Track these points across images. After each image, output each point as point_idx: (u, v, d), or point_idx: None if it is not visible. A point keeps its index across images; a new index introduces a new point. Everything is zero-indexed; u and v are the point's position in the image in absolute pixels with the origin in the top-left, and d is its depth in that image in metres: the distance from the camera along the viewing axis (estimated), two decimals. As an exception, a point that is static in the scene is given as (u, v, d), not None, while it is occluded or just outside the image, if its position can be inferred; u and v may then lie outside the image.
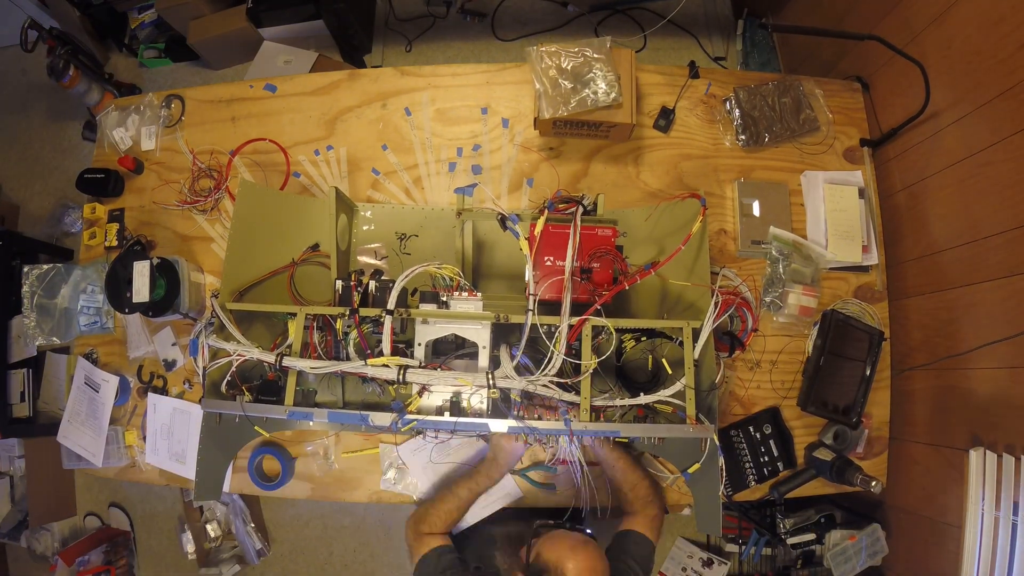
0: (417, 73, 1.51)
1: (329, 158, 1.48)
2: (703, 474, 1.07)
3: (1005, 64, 1.12)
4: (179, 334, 1.42)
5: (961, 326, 1.25)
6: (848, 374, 1.31)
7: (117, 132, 1.54)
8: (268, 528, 2.31)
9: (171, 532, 2.32)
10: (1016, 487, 1.05)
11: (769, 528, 1.59)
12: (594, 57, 1.31)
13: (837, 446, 1.32)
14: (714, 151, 1.46)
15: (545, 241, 1.12)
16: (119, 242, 1.48)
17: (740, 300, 1.34)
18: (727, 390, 1.34)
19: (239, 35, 2.47)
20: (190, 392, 1.40)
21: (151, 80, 2.73)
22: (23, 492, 2.28)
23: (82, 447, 1.41)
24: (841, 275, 1.40)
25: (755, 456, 1.31)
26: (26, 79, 2.79)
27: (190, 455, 1.34)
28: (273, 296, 1.29)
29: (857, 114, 1.49)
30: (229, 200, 1.47)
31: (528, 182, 1.45)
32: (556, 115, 1.31)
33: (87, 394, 1.43)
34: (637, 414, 1.14)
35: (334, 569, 2.28)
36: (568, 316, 1.04)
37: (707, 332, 1.06)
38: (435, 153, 1.47)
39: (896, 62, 1.34)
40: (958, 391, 1.25)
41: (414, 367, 1.03)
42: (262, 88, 1.53)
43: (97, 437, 1.40)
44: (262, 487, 1.35)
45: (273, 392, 1.15)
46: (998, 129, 1.14)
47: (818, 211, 1.40)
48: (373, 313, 1.08)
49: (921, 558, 1.34)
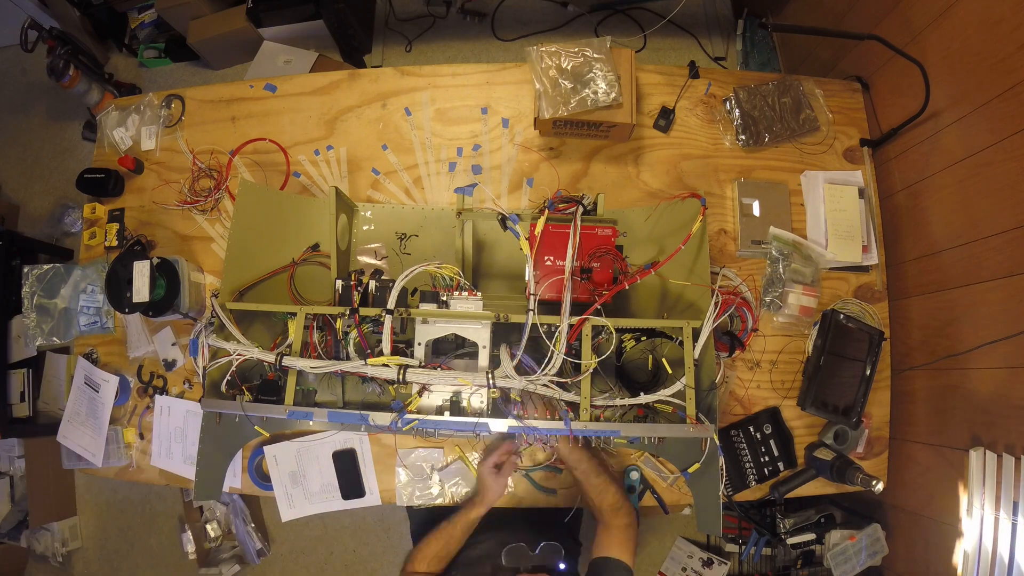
0: (417, 73, 1.51)
1: (329, 158, 1.48)
2: (703, 474, 1.07)
3: (1005, 64, 1.12)
4: (179, 334, 1.42)
5: (961, 326, 1.25)
6: (848, 374, 1.31)
7: (117, 132, 1.54)
8: (268, 528, 2.31)
9: (171, 532, 2.32)
10: (1016, 487, 1.05)
11: (769, 528, 1.59)
12: (594, 57, 1.31)
13: (837, 446, 1.32)
14: (714, 151, 1.46)
15: (545, 241, 1.12)
16: (119, 242, 1.48)
17: (740, 300, 1.34)
18: (727, 390, 1.34)
19: (239, 35, 2.47)
20: (190, 392, 1.40)
21: (151, 80, 2.73)
22: (23, 492, 2.28)
23: (82, 447, 1.41)
24: (841, 275, 1.40)
25: (755, 456, 1.31)
26: (26, 79, 2.79)
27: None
28: (273, 296, 1.29)
29: (857, 114, 1.49)
30: (229, 200, 1.47)
31: (528, 182, 1.45)
32: (556, 115, 1.31)
33: (87, 394, 1.42)
34: (637, 414, 1.14)
35: (334, 569, 2.28)
36: (568, 316, 1.04)
37: (707, 332, 1.06)
38: (435, 153, 1.47)
39: (896, 62, 1.34)
40: (958, 391, 1.25)
41: (414, 367, 1.03)
42: (262, 88, 1.53)
43: (97, 437, 1.40)
44: (262, 487, 1.35)
45: (273, 392, 1.15)
46: (998, 129, 1.14)
47: (818, 211, 1.40)
48: (373, 313, 1.08)
49: (921, 558, 1.34)
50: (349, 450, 1.31)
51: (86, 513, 2.39)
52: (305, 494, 1.32)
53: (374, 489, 1.32)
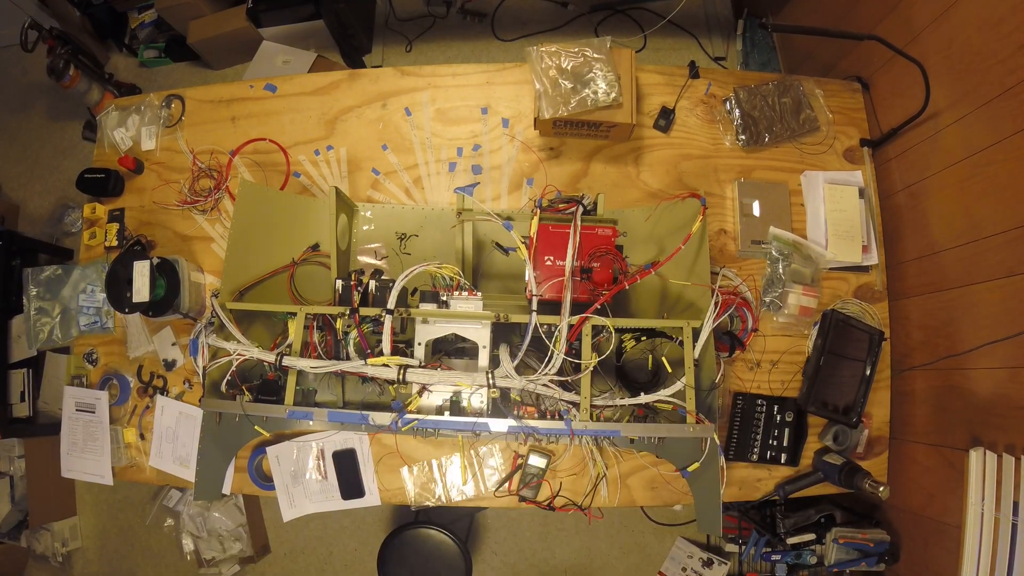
0: (417, 73, 1.51)
1: (329, 158, 1.48)
2: (703, 473, 1.07)
3: (1005, 64, 1.12)
4: (179, 334, 1.42)
5: (961, 326, 1.25)
6: (848, 374, 1.31)
7: (117, 132, 1.55)
8: (268, 528, 2.31)
9: (171, 532, 2.32)
10: (1016, 487, 1.05)
11: (769, 528, 1.58)
12: (594, 57, 1.31)
13: (837, 446, 1.32)
14: (714, 151, 1.46)
15: (545, 241, 1.12)
16: (119, 242, 1.48)
17: (740, 300, 1.34)
18: (726, 389, 1.34)
19: (239, 35, 2.47)
20: (190, 392, 1.40)
21: (151, 80, 2.73)
22: (23, 492, 2.28)
23: (89, 473, 1.41)
24: (841, 275, 1.40)
25: (767, 434, 1.31)
26: (26, 79, 2.79)
27: (194, 460, 1.33)
28: (273, 296, 1.29)
29: (857, 114, 1.49)
30: (229, 200, 1.47)
31: (528, 182, 1.45)
32: (556, 115, 1.31)
33: (81, 420, 1.42)
34: (637, 414, 1.14)
35: (334, 569, 2.28)
36: (568, 315, 1.04)
37: (707, 332, 1.07)
38: (435, 153, 1.47)
39: (896, 62, 1.34)
40: (958, 391, 1.25)
41: (414, 367, 1.03)
42: (262, 88, 1.53)
43: (101, 458, 1.40)
44: (262, 487, 1.35)
45: (273, 392, 1.15)
46: (998, 129, 1.14)
47: (818, 211, 1.40)
48: (373, 313, 1.08)
49: (921, 558, 1.34)
50: (349, 450, 1.31)
51: (86, 513, 2.39)
52: (305, 493, 1.32)
53: (374, 489, 1.32)
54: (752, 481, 1.34)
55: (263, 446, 1.32)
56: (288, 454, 1.31)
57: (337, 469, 1.31)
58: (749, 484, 1.34)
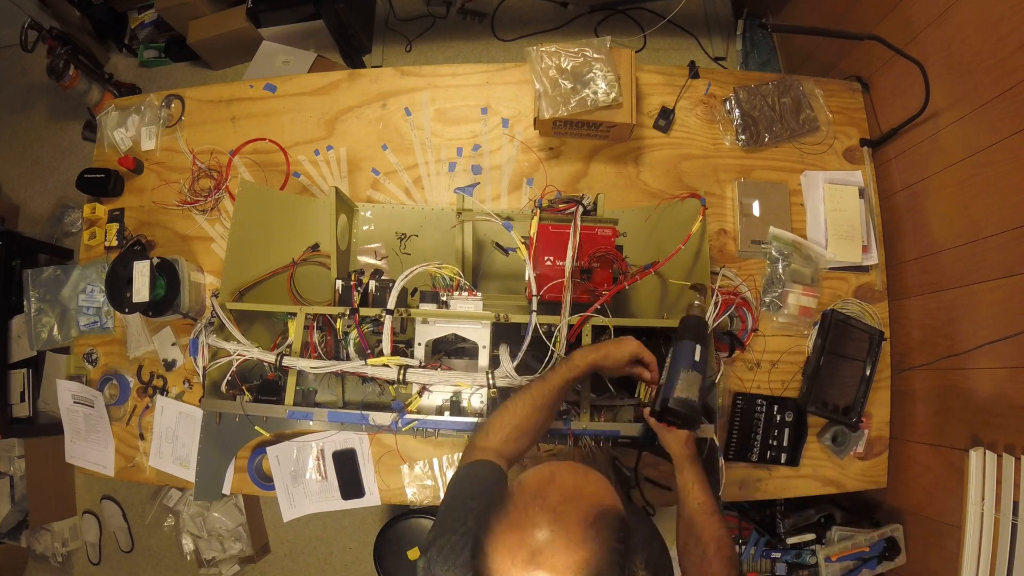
0: (417, 73, 1.51)
1: (329, 158, 1.48)
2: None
3: (1005, 64, 1.12)
4: (179, 334, 1.42)
5: (961, 326, 1.25)
6: (848, 374, 1.31)
7: (117, 132, 1.54)
8: (268, 528, 2.31)
9: (171, 532, 2.32)
10: (1016, 487, 1.05)
11: (769, 528, 1.59)
12: (594, 57, 1.31)
13: (837, 446, 1.32)
14: (714, 151, 1.46)
15: (545, 241, 1.12)
16: (119, 242, 1.48)
17: (740, 300, 1.34)
18: (726, 389, 1.34)
19: (239, 35, 2.47)
20: (190, 392, 1.40)
21: (151, 80, 2.73)
22: (23, 492, 2.28)
23: (92, 462, 1.43)
24: (841, 275, 1.40)
25: (766, 434, 1.31)
26: (26, 79, 2.78)
27: (194, 460, 1.34)
28: (273, 296, 1.29)
29: (857, 114, 1.49)
30: (229, 200, 1.47)
31: (528, 182, 1.45)
32: (556, 115, 1.31)
33: (80, 412, 1.43)
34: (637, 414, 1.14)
35: (334, 569, 2.28)
36: (568, 316, 1.04)
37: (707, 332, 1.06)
38: (435, 153, 1.47)
39: (896, 62, 1.34)
40: (958, 391, 1.25)
41: (414, 367, 1.03)
42: (262, 88, 1.53)
43: (104, 449, 1.41)
44: (262, 487, 1.35)
45: (273, 392, 1.15)
46: (998, 129, 1.14)
47: (818, 211, 1.40)
48: (373, 313, 1.08)
49: (921, 558, 1.34)
50: (349, 450, 1.31)
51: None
52: (305, 492, 1.32)
53: (374, 489, 1.32)
54: (752, 481, 1.34)
55: (263, 446, 1.32)
56: (288, 454, 1.31)
57: (337, 469, 1.31)
58: (749, 484, 1.34)
